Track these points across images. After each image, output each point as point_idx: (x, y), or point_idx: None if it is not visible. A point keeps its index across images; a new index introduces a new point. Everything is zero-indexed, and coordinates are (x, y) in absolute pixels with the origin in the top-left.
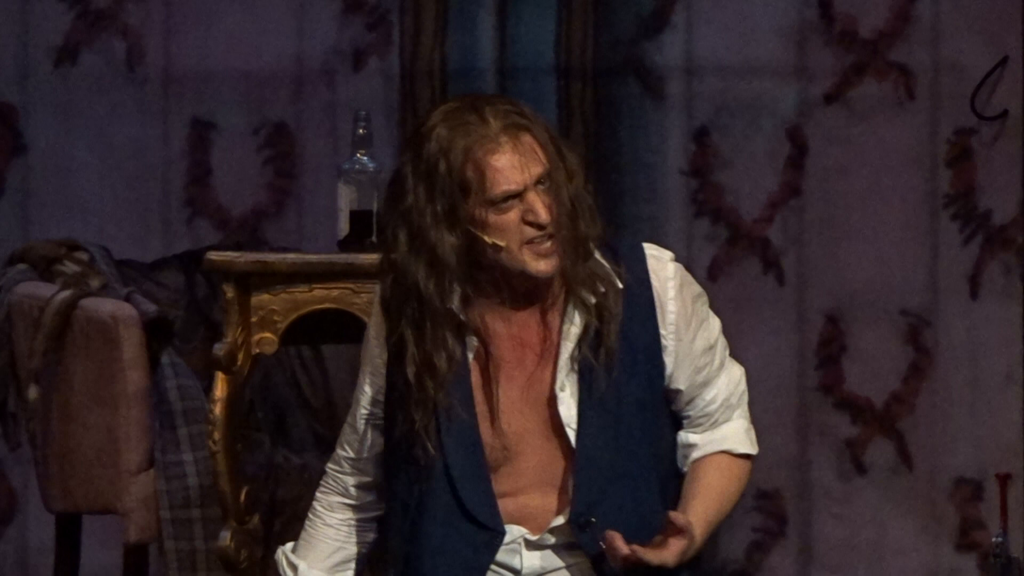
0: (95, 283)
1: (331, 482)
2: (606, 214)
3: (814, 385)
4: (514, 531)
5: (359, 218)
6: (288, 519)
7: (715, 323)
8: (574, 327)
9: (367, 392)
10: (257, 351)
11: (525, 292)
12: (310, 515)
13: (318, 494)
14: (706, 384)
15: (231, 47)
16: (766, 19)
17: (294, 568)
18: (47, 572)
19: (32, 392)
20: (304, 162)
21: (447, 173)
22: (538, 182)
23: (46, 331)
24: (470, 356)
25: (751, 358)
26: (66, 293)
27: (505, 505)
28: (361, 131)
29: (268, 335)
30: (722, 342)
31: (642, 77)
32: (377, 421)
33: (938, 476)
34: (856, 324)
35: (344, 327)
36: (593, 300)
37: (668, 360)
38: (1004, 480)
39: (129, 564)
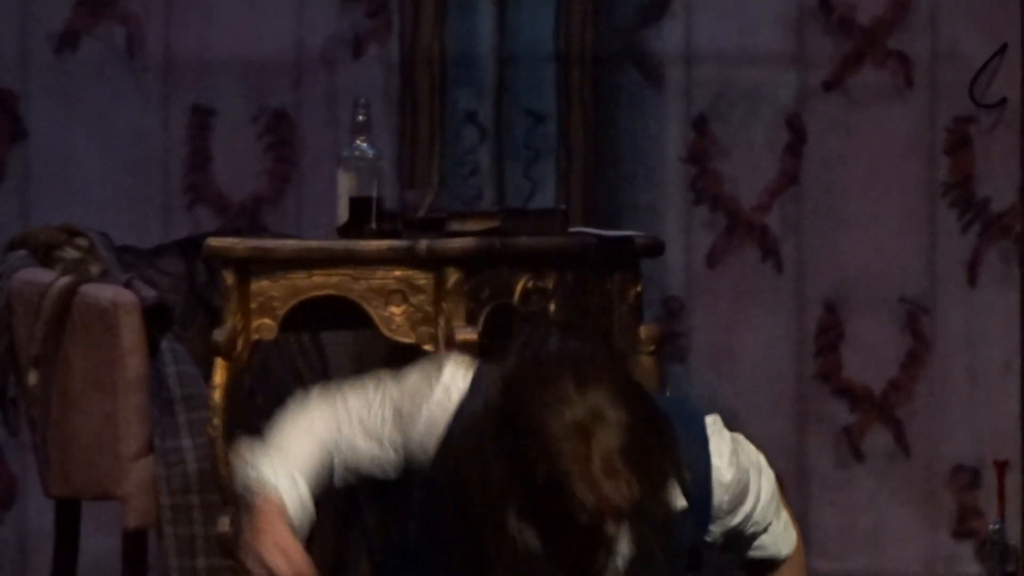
0: (95, 269)
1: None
2: (605, 201)
3: (812, 373)
4: None
5: (358, 205)
6: None
7: (752, 485)
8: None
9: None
10: (256, 337)
11: None
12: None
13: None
14: (741, 527)
15: (231, 34)
16: (765, 7)
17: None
18: (46, 557)
19: (32, 378)
20: (304, 149)
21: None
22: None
23: (46, 317)
24: None
25: (750, 346)
26: (66, 279)
27: None
28: (360, 118)
29: (267, 321)
30: (757, 481)
31: (641, 65)
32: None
33: (936, 464)
34: (854, 312)
35: (343, 313)
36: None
37: (715, 539)
38: (1002, 468)
39: (128, 550)
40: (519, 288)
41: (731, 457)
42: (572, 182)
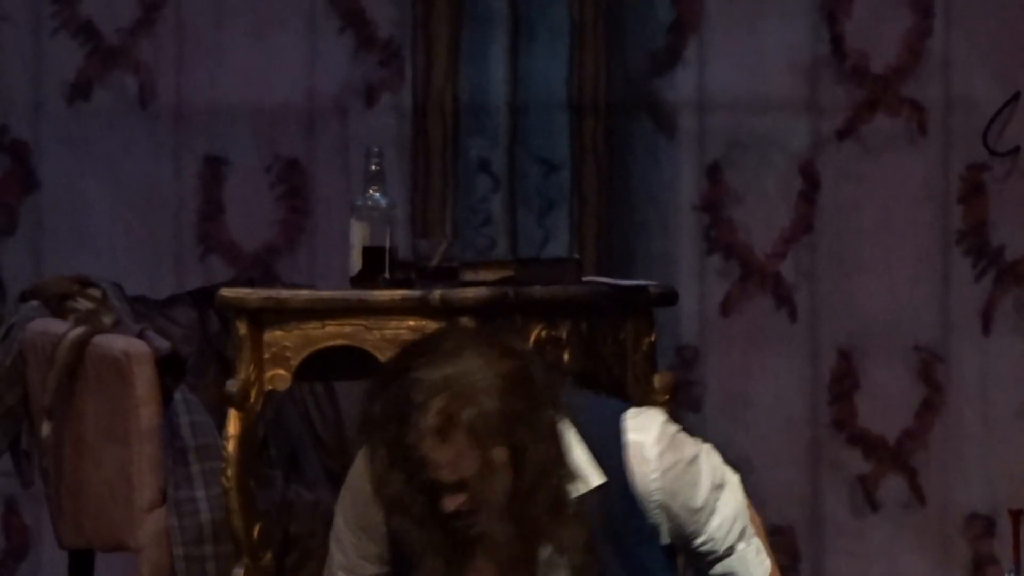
0: (107, 320)
1: None
2: (619, 250)
3: (827, 421)
4: None
5: (372, 254)
6: (301, 555)
7: (704, 481)
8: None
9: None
10: (270, 388)
11: None
12: None
13: None
14: (696, 535)
15: (243, 83)
16: (778, 54)
17: None
18: None
19: (45, 429)
20: (316, 198)
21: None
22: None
23: (59, 368)
24: None
25: (764, 394)
26: (79, 330)
27: None
28: (374, 167)
29: (281, 372)
30: (710, 487)
31: (654, 113)
32: None
33: (951, 512)
34: (869, 360)
35: (357, 364)
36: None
37: (660, 526)
38: (1017, 516)
39: None
40: (533, 337)
41: (660, 437)
42: (585, 231)
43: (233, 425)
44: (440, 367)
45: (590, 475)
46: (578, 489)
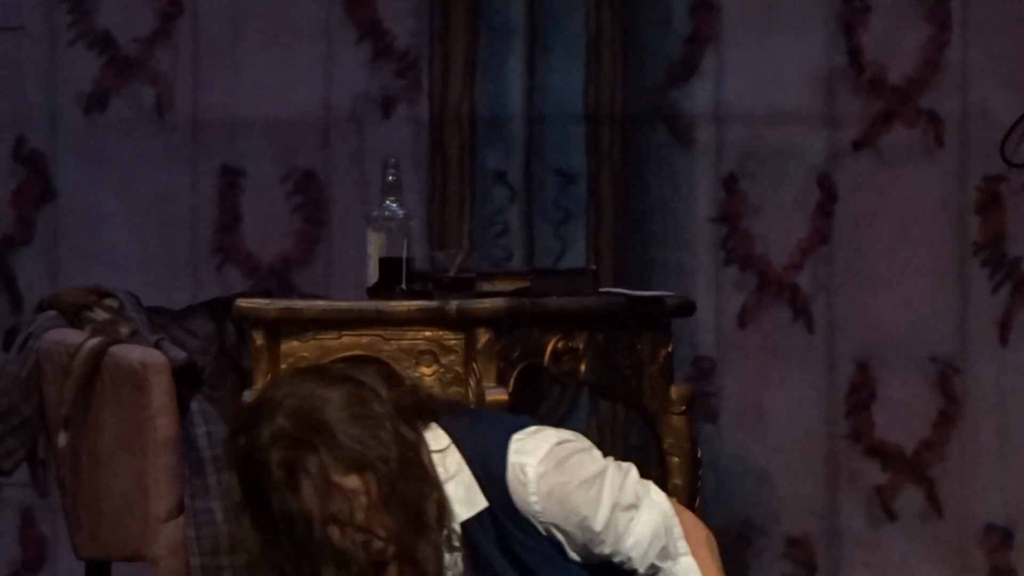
0: (124, 330)
1: None
2: (635, 261)
3: (844, 432)
4: None
5: (388, 265)
6: None
7: (604, 502)
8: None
9: None
10: None
11: None
12: None
13: None
14: (611, 554)
15: (260, 94)
16: (795, 66)
17: None
18: None
19: (61, 439)
20: (333, 209)
21: None
22: None
23: (75, 378)
24: None
25: (781, 405)
26: (95, 340)
27: None
28: (390, 178)
29: None
30: (612, 507)
31: (671, 124)
32: None
33: (968, 523)
34: (886, 371)
35: None
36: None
37: (562, 544)
38: None
39: None
40: (549, 348)
41: (546, 458)
42: (602, 242)
43: None
44: (269, 422)
45: (476, 499)
46: (464, 513)
